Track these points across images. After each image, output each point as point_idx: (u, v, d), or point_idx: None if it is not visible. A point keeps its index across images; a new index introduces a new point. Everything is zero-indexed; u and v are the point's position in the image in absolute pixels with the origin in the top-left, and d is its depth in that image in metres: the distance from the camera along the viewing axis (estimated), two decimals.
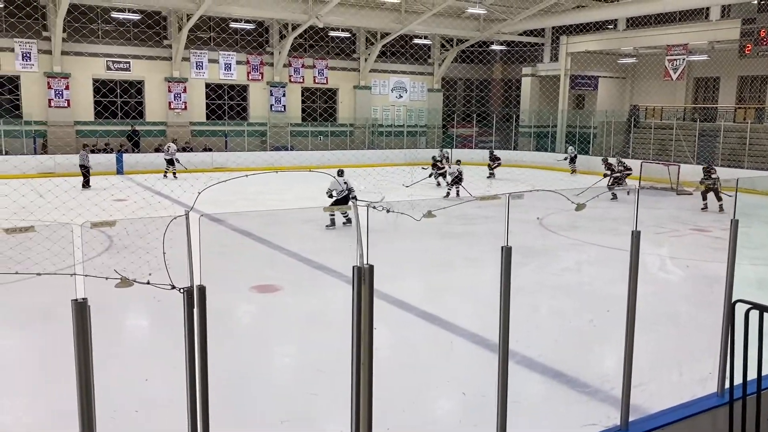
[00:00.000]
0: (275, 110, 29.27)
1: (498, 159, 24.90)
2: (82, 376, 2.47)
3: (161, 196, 17.64)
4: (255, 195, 17.79)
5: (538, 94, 33.03)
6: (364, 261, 3.18)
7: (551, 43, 32.65)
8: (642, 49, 29.94)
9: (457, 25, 30.16)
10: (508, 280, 3.50)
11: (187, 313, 2.68)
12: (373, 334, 3.18)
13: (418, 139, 33.27)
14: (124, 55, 25.89)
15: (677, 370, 6.29)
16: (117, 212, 13.73)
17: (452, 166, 19.54)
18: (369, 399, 3.18)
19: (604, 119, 30.05)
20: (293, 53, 29.21)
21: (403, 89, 33.19)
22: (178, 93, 26.95)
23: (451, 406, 5.61)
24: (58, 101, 24.66)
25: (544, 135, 31.79)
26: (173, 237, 2.76)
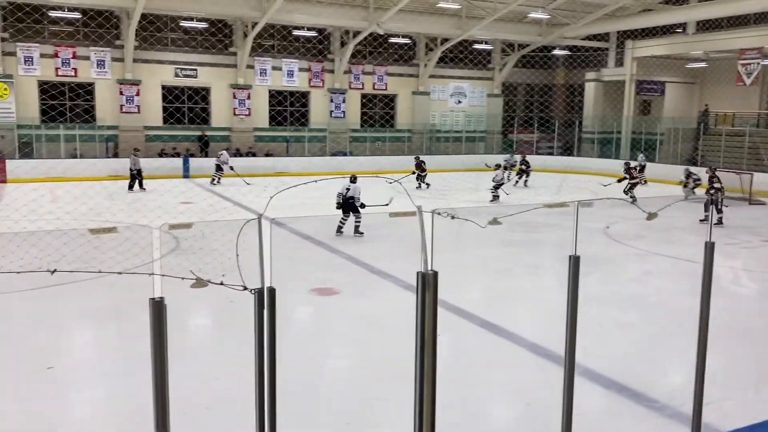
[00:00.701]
0: (335, 116, 29.64)
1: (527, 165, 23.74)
2: (158, 372, 2.56)
3: (225, 200, 18.10)
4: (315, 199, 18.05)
5: (602, 99, 32.25)
6: (428, 267, 3.17)
7: (616, 48, 31.84)
8: (713, 53, 28.82)
9: (518, 29, 29.82)
10: (576, 289, 3.43)
11: (257, 313, 2.74)
12: (436, 340, 3.17)
13: (476, 145, 33.01)
14: (192, 62, 26.76)
15: (752, 388, 6.01)
16: (181, 215, 14.16)
17: (498, 172, 19.05)
18: (432, 406, 3.17)
19: (672, 125, 29.05)
20: (353, 60, 29.51)
21: (463, 94, 33.01)
22: (243, 99, 27.64)
23: (514, 416, 5.52)
24: (129, 107, 25.67)
25: (608, 141, 30.99)
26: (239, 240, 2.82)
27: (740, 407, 5.37)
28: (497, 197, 18.62)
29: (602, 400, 5.72)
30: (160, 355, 2.54)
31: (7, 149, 23.57)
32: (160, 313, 2.51)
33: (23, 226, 11.55)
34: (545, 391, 5.68)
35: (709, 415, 4.63)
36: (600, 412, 5.51)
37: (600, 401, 5.71)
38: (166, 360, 2.55)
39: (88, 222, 13.54)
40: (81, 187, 16.77)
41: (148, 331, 2.55)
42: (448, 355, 6.77)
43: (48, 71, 24.42)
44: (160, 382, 2.54)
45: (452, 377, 5.93)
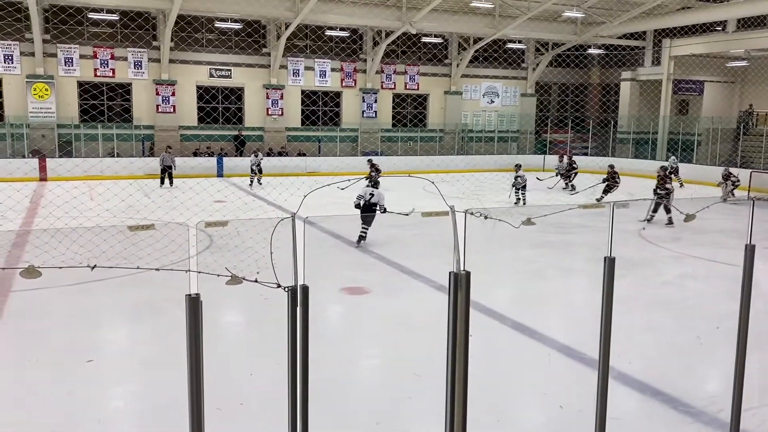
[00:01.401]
0: (367, 116, 29.72)
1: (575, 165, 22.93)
2: (193, 367, 2.61)
3: (258, 199, 18.31)
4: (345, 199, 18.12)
5: (637, 99, 31.70)
6: (461, 267, 3.17)
7: (653, 47, 31.26)
8: (754, 52, 28.09)
9: (552, 28, 29.50)
10: (611, 291, 3.39)
11: (291, 311, 2.77)
12: (468, 341, 3.16)
13: (509, 145, 32.76)
14: (226, 62, 27.13)
15: None
16: (216, 213, 14.36)
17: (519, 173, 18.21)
18: (464, 406, 3.16)
19: (710, 126, 28.41)
20: (385, 60, 29.55)
21: (495, 94, 32.80)
22: (276, 99, 27.91)
23: (546, 419, 5.47)
24: (165, 107, 26.14)
25: (644, 142, 30.44)
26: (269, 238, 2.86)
27: None
28: (520, 200, 17.97)
29: (636, 405, 5.63)
30: (195, 351, 2.58)
31: (48, 148, 24.22)
32: (196, 310, 2.56)
33: (65, 223, 11.85)
34: (578, 394, 5.61)
35: (748, 422, 4.52)
36: (634, 417, 5.42)
37: (634, 405, 5.62)
38: (201, 356, 2.59)
39: (126, 219, 13.83)
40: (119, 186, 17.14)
41: (184, 327, 2.60)
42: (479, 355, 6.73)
43: (87, 72, 25.01)
44: (195, 377, 2.59)
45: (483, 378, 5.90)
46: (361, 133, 29.64)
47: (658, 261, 11.38)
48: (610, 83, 33.53)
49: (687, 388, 5.87)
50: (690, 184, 23.63)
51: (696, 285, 9.84)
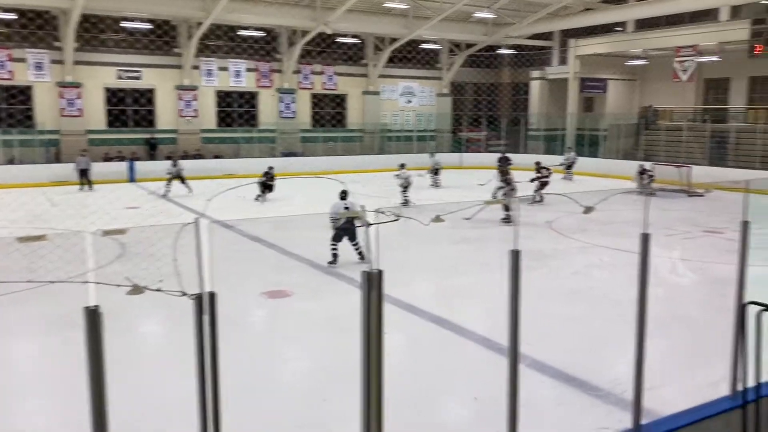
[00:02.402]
0: (285, 116, 29.40)
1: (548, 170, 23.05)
2: (95, 382, 2.50)
3: (173, 204, 17.75)
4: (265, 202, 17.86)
5: (547, 97, 32.95)
6: (373, 266, 3.19)
7: (559, 47, 32.59)
8: (651, 51, 29.81)
9: (464, 29, 30.20)
10: (517, 283, 3.50)
11: (197, 319, 2.71)
12: (382, 338, 3.19)
13: (428, 144, 33.24)
14: (135, 64, 26.13)
15: (689, 373, 6.25)
16: (129, 220, 13.83)
17: (402, 171, 17.76)
18: (379, 404, 3.19)
19: (614, 122, 29.91)
20: (302, 60, 29.33)
21: (412, 94, 33.24)
22: (189, 101, 27.14)
23: (463, 411, 5.61)
24: (71, 110, 24.89)
25: (554, 138, 31.69)
26: (185, 244, 2.79)
27: (678, 391, 5.58)
28: (407, 201, 17.24)
29: (549, 391, 5.86)
30: (96, 365, 2.48)
31: None
32: (95, 322, 2.45)
33: None
34: (494, 384, 5.76)
35: (650, 401, 4.79)
36: (546, 403, 5.64)
37: (547, 392, 5.85)
38: (103, 369, 2.49)
39: (31, 230, 13.08)
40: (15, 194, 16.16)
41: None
42: (397, 352, 6.82)
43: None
44: (97, 391, 2.49)
45: (402, 374, 5.97)
46: (280, 133, 29.29)
47: (568, 252, 11.87)
48: (521, 82, 34.69)
49: (596, 372, 6.17)
50: (597, 177, 24.78)
51: (602, 274, 10.34)
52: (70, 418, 5.21)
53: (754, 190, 4.26)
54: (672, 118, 29.38)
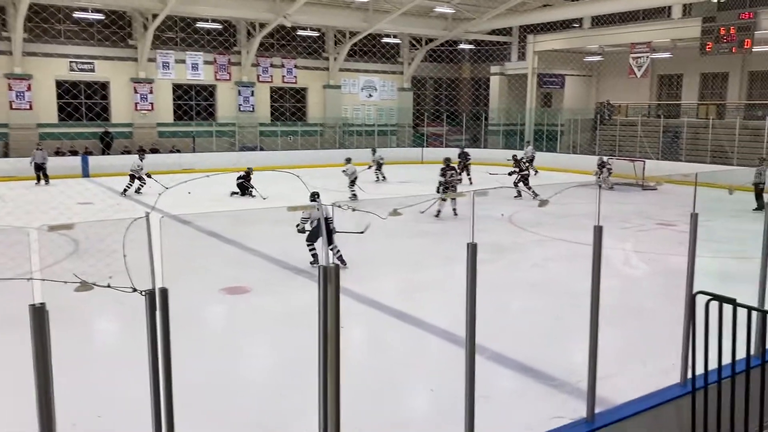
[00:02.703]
0: (243, 110, 29.03)
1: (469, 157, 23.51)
2: (42, 381, 2.43)
3: (128, 199, 17.36)
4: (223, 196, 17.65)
5: (506, 92, 33.32)
6: (330, 261, 3.18)
7: (518, 42, 32.99)
8: (607, 48, 30.43)
9: (425, 24, 30.29)
10: (474, 276, 3.53)
11: (149, 315, 2.65)
12: (339, 333, 3.18)
13: (389, 138, 33.29)
14: (88, 55, 25.41)
15: (641, 362, 6.42)
16: (77, 216, 13.47)
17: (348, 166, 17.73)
18: (337, 397, 3.18)
19: (571, 117, 30.46)
20: (261, 53, 28.98)
21: (373, 88, 33.20)
22: (144, 94, 26.55)
23: (421, 403, 5.64)
24: (20, 103, 24.08)
25: (513, 133, 32.10)
26: (138, 239, 2.73)
27: (631, 380, 5.72)
28: (355, 195, 17.03)
29: (507, 382, 5.94)
30: (43, 363, 2.40)
31: None
32: (41, 320, 2.38)
33: None
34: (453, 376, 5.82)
35: (603, 389, 4.90)
36: (504, 394, 5.72)
37: (505, 382, 5.93)
38: (50, 368, 2.42)
39: None
40: None
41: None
42: (357, 346, 6.82)
43: None
44: (44, 391, 2.41)
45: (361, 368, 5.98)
46: (239, 127, 28.91)
47: (526, 245, 12.05)
48: (481, 77, 34.99)
49: (552, 363, 6.28)
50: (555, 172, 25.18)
51: (559, 265, 10.52)
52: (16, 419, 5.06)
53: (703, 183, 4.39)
54: (627, 114, 30.06)
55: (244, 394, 5.73)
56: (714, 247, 11.19)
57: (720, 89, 29.37)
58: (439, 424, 5.16)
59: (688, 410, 4.54)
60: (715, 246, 11.30)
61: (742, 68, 27.92)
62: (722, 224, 13.35)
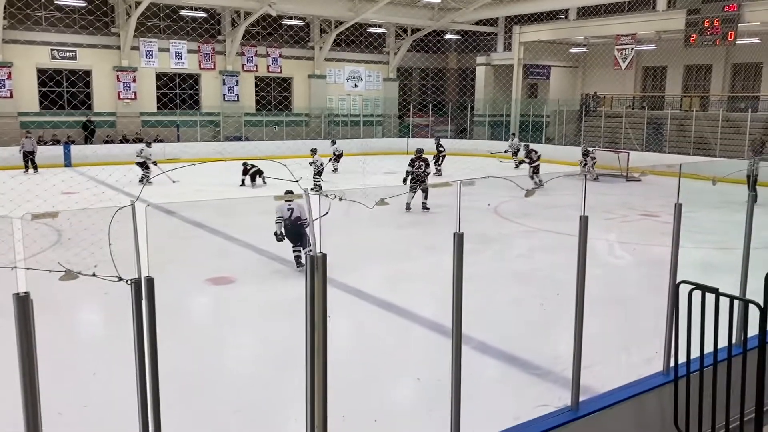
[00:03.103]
0: (228, 99, 28.81)
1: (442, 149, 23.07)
2: (26, 370, 2.40)
3: (111, 189, 17.19)
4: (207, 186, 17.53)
5: (492, 83, 33.35)
6: (317, 249, 3.17)
7: (504, 33, 33.01)
8: (592, 39, 30.54)
9: (411, 13, 30.18)
10: (461, 266, 3.54)
11: (135, 305, 2.63)
12: (326, 322, 3.18)
13: (374, 129, 33.23)
14: (70, 43, 25.07)
15: (625, 351, 6.49)
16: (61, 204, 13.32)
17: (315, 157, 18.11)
18: (323, 387, 3.18)
19: (557, 108, 30.58)
20: (246, 42, 28.74)
21: (359, 78, 33.07)
22: (128, 82, 26.25)
23: (407, 392, 5.67)
24: (0, 92, 23.71)
25: (499, 124, 32.16)
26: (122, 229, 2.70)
27: (615, 369, 5.79)
28: (319, 186, 17.08)
29: (492, 371, 5.99)
30: (27, 354, 2.38)
31: None
32: (25, 309, 2.35)
33: None
34: (437, 365, 5.85)
35: (587, 378, 4.95)
36: (489, 383, 5.76)
37: (490, 371, 5.97)
38: (35, 358, 2.39)
39: None
40: None
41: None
42: (343, 336, 6.83)
43: None
44: (29, 381, 2.39)
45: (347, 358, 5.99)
46: (223, 117, 28.69)
47: (512, 235, 12.11)
48: (467, 68, 35.00)
49: (537, 352, 6.33)
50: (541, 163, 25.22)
51: (544, 256, 10.59)
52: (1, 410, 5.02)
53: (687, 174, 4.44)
54: (612, 105, 30.24)
55: (230, 383, 5.72)
56: (697, 237, 11.32)
57: (704, 81, 29.62)
58: (426, 413, 5.19)
59: (670, 398, 4.61)
60: (698, 237, 11.43)
61: (725, 60, 28.17)
62: (705, 215, 13.50)
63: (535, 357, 6.19)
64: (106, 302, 6.70)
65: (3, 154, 21.81)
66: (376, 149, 27.69)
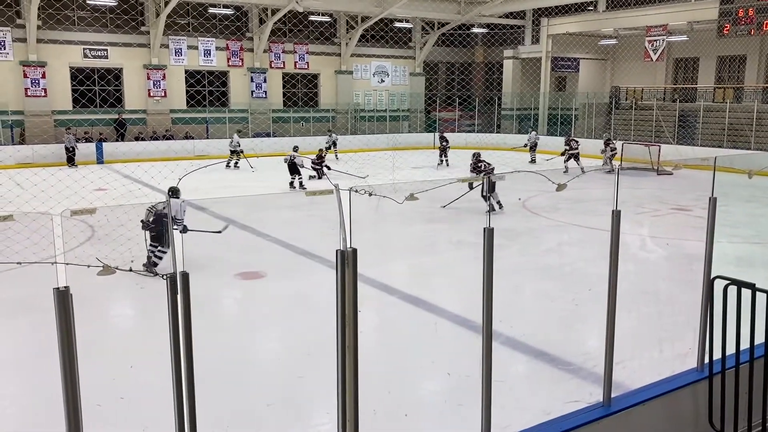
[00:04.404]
0: (256, 96, 29.03)
1: (446, 140, 23.31)
2: (66, 364, 2.47)
3: (142, 185, 17.47)
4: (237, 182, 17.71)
5: (519, 76, 33.03)
6: (347, 244, 3.19)
7: (532, 25, 32.63)
8: (622, 31, 30.02)
9: (437, 7, 30.02)
10: (491, 261, 3.53)
11: (171, 299, 2.68)
12: (357, 317, 3.20)
13: (400, 124, 33.19)
14: (101, 42, 25.49)
15: (658, 347, 6.40)
16: (97, 201, 13.59)
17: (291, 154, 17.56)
18: (355, 381, 3.20)
19: (586, 101, 30.17)
20: (273, 38, 28.92)
21: (385, 73, 33.04)
22: (157, 80, 26.62)
23: (436, 387, 5.67)
24: (35, 90, 24.24)
25: (527, 117, 31.86)
26: None
27: (648, 365, 5.72)
28: (301, 183, 17.19)
29: (521, 366, 5.95)
30: (68, 347, 2.44)
31: None
32: (65, 303, 2.41)
33: None
34: (466, 360, 5.84)
35: (620, 374, 4.90)
36: (519, 378, 5.73)
37: (519, 367, 5.94)
38: (75, 351, 2.45)
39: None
40: None
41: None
42: (371, 330, 6.86)
43: None
44: (69, 374, 2.45)
45: (376, 352, 6.02)
46: (251, 113, 28.94)
47: (540, 230, 12.00)
48: (494, 62, 34.71)
49: (567, 348, 6.28)
50: None
51: (574, 250, 10.48)
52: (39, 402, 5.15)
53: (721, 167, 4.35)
54: (642, 98, 29.73)
55: (262, 377, 5.79)
56: (731, 231, 11.10)
57: (737, 72, 28.92)
58: (456, 408, 5.19)
59: (705, 395, 4.53)
60: (733, 231, 11.21)
61: (760, 51, 27.46)
62: (739, 209, 13.22)
63: (565, 352, 6.14)
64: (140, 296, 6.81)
65: (41, 152, 22.30)
66: (403, 144, 27.64)
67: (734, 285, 4.29)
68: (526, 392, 5.46)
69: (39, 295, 7.22)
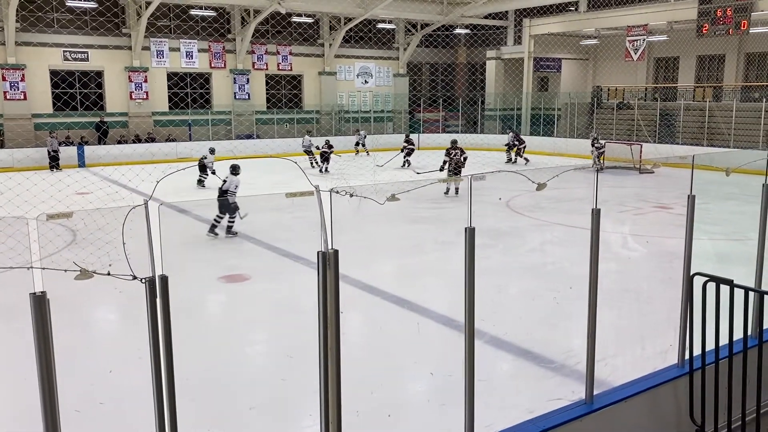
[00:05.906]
0: (239, 98, 28.90)
1: (412, 144, 23.60)
2: (44, 369, 2.44)
3: (125, 189, 17.32)
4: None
5: (502, 77, 33.19)
6: (328, 246, 3.18)
7: (514, 26, 32.81)
8: (603, 31, 30.27)
9: (420, 8, 30.10)
10: (473, 260, 3.54)
11: (150, 303, 2.66)
12: (339, 318, 3.19)
13: (385, 125, 33.20)
14: (82, 44, 25.23)
15: (640, 344, 6.46)
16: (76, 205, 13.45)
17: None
18: (337, 382, 3.20)
19: (568, 101, 30.39)
20: (256, 40, 28.81)
21: (369, 74, 33.04)
22: (139, 83, 26.40)
23: (420, 387, 5.68)
24: (14, 93, 23.94)
25: (510, 118, 32.01)
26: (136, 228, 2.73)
27: (629, 362, 5.77)
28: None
29: (506, 365, 5.98)
30: (45, 352, 2.41)
31: None
32: (42, 308, 2.38)
33: None
34: (450, 359, 5.86)
35: (601, 371, 4.94)
36: (503, 377, 5.75)
37: (504, 365, 5.97)
38: (52, 356, 2.43)
39: None
40: None
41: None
42: (355, 331, 6.85)
43: None
44: (47, 379, 2.42)
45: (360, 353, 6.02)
46: (235, 115, 28.80)
47: (524, 229, 12.07)
48: (477, 62, 34.84)
49: (550, 346, 6.31)
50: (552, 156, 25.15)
51: (557, 249, 10.55)
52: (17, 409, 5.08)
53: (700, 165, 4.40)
54: (624, 97, 30.00)
55: (245, 380, 5.76)
56: (711, 228, 11.23)
57: (717, 71, 29.30)
58: (439, 408, 5.20)
59: (685, 391, 4.58)
60: (712, 228, 11.34)
61: (738, 50, 27.84)
62: (718, 206, 13.38)
63: (548, 351, 6.17)
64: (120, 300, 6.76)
65: (18, 156, 22.04)
66: (386, 145, 27.61)
67: (713, 281, 4.34)
68: (509, 391, 5.49)
69: (17, 302, 7.14)
